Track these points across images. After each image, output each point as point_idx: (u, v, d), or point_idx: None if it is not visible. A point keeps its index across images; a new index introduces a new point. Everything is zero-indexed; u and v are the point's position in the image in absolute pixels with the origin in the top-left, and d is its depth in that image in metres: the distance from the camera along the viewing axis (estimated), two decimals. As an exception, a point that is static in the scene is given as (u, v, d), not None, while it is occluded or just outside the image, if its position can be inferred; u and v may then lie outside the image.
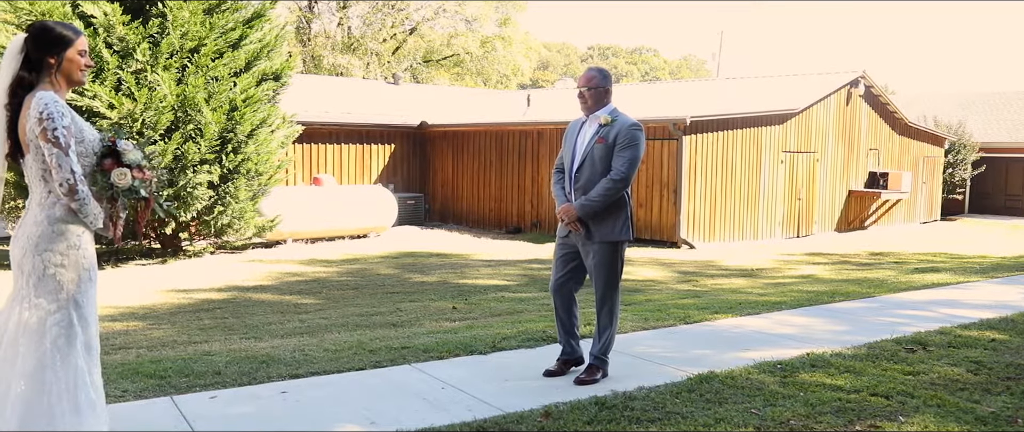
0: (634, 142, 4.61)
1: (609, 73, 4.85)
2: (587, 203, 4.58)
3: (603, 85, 4.73)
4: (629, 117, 4.71)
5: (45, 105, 3.15)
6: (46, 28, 3.29)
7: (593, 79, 4.73)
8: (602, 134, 4.65)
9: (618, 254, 4.69)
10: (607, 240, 4.62)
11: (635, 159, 4.61)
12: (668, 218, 15.84)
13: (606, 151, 4.61)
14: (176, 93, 11.72)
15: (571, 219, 4.64)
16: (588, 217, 4.61)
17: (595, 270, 4.67)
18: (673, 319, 6.84)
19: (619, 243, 4.67)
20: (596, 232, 4.63)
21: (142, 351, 5.88)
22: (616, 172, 4.56)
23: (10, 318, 3.25)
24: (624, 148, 4.59)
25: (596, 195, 4.56)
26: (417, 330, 6.44)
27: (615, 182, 4.55)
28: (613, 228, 4.63)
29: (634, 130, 4.64)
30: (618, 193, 4.58)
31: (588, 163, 4.67)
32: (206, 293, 9.37)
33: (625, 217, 4.68)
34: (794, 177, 18.27)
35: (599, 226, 4.62)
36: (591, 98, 4.72)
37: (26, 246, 3.21)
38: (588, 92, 4.72)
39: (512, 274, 11.29)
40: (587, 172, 4.66)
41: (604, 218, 4.61)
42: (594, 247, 4.63)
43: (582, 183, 4.68)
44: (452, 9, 36.51)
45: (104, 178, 3.33)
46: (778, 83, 21.38)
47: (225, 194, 12.37)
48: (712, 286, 10.21)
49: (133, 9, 11.96)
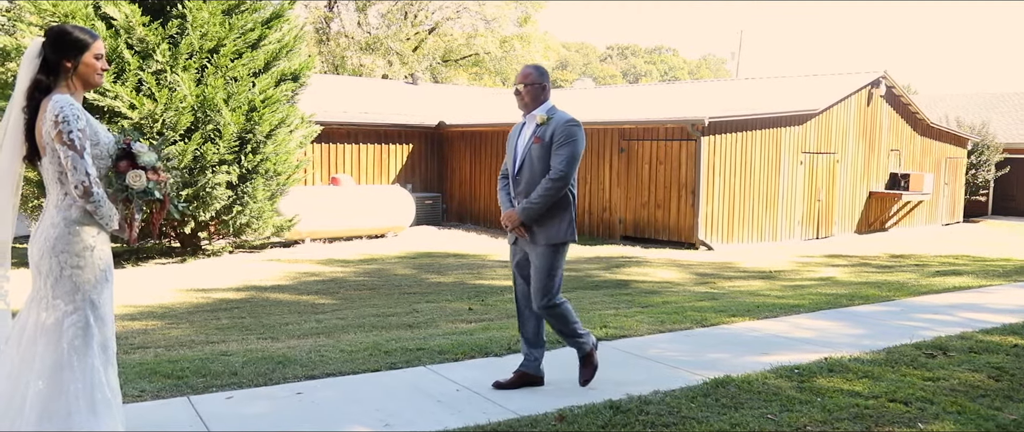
0: (571, 138, 4.45)
1: (546, 70, 4.71)
2: (528, 206, 4.45)
3: (540, 82, 4.58)
4: (566, 113, 4.57)
5: (61, 108, 3.18)
6: (63, 32, 3.32)
7: (529, 75, 4.58)
8: (539, 133, 4.52)
9: (559, 255, 4.55)
10: (551, 242, 4.49)
11: (573, 156, 4.45)
12: (686, 219, 15.76)
13: (544, 151, 4.48)
14: (195, 94, 11.80)
15: (514, 224, 4.53)
16: (531, 221, 4.48)
17: (535, 269, 4.54)
18: (689, 322, 6.80)
19: (562, 244, 4.55)
20: (540, 234, 4.50)
21: (160, 350, 5.92)
22: (554, 171, 4.42)
23: (28, 319, 3.28)
24: (561, 145, 4.44)
25: (536, 197, 4.43)
26: (433, 331, 6.45)
27: (553, 182, 4.41)
28: (557, 229, 4.50)
29: (570, 126, 4.48)
30: (558, 193, 4.44)
31: (527, 165, 4.54)
32: (224, 293, 9.43)
33: (569, 218, 4.54)
34: (814, 178, 18.12)
35: (542, 228, 4.50)
36: (528, 95, 4.57)
37: (43, 247, 3.24)
38: (524, 89, 4.57)
39: (529, 275, 11.27)
40: (527, 174, 4.54)
41: (547, 220, 4.49)
42: (538, 249, 4.52)
43: (523, 186, 4.56)
44: (473, 8, 36.52)
45: (119, 180, 3.35)
46: (798, 83, 21.20)
47: (244, 194, 12.45)
48: (729, 288, 10.14)
49: (153, 10, 12.06)
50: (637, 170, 16.50)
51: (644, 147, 16.38)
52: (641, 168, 16.43)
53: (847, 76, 20.45)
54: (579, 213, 17.55)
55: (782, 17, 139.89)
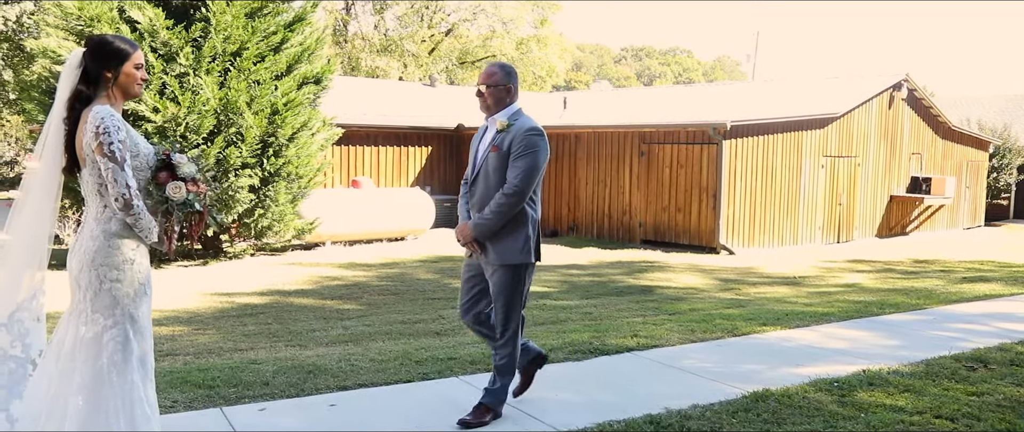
0: (531, 149, 4.00)
1: (513, 69, 4.25)
2: (481, 222, 4.05)
3: (505, 83, 4.13)
4: (530, 120, 4.10)
5: (101, 119, 3.14)
6: (104, 42, 3.28)
7: (493, 75, 4.14)
8: (497, 141, 4.08)
9: (520, 278, 4.13)
10: (506, 262, 4.08)
11: (531, 169, 3.99)
12: (707, 223, 15.65)
13: (500, 161, 4.05)
14: (218, 97, 11.81)
15: (467, 240, 4.13)
16: (484, 237, 4.07)
17: (494, 295, 4.15)
18: (720, 331, 6.72)
19: (521, 266, 4.11)
20: (494, 253, 4.09)
21: (189, 358, 5.90)
22: (509, 185, 3.98)
23: (67, 333, 3.25)
24: (519, 156, 4.00)
25: (488, 213, 4.02)
26: (461, 339, 6.40)
27: (507, 197, 3.98)
28: (512, 249, 4.06)
29: (531, 136, 4.03)
30: (513, 209, 4.00)
31: (483, 175, 4.14)
32: (248, 297, 9.42)
33: (526, 236, 4.08)
34: (835, 182, 17.96)
35: (496, 246, 4.08)
36: (491, 97, 4.13)
37: (83, 261, 3.20)
38: (487, 90, 4.13)
39: (551, 280, 11.21)
40: (482, 185, 4.13)
41: (502, 238, 4.06)
42: (493, 270, 4.12)
43: (477, 198, 4.15)
44: (489, 10, 36.50)
45: (159, 192, 3.32)
46: (817, 86, 21.04)
47: (265, 197, 12.45)
48: (755, 295, 10.04)
49: (177, 13, 12.09)
50: (658, 173, 16.40)
51: (665, 150, 16.28)
52: (662, 171, 16.33)
53: (868, 79, 20.27)
54: (600, 216, 17.48)
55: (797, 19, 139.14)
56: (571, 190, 18.06)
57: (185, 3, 12.21)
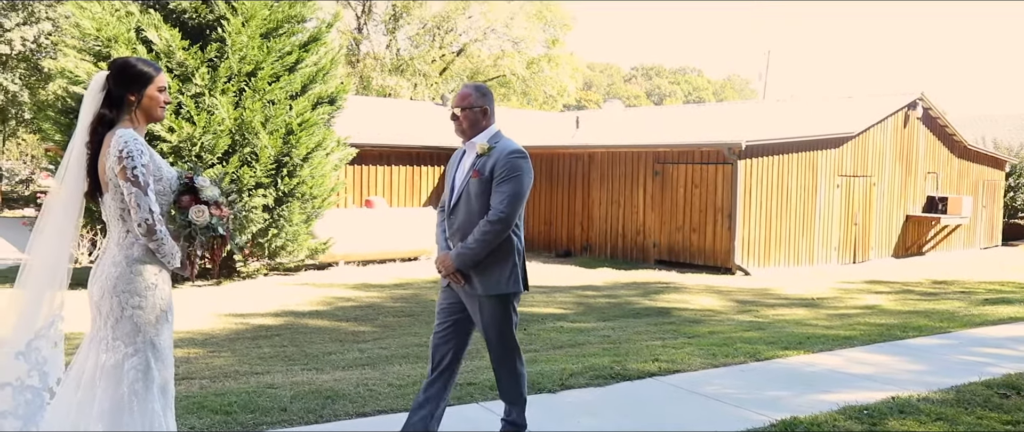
0: (515, 173, 3.82)
1: (488, 90, 4.07)
2: (464, 251, 3.82)
3: (480, 104, 3.95)
4: (512, 142, 3.93)
5: (125, 143, 3.10)
6: (127, 65, 3.24)
7: (467, 98, 3.95)
8: (478, 166, 3.88)
9: (509, 308, 3.95)
10: (494, 294, 3.87)
11: (517, 194, 3.81)
12: (722, 243, 15.53)
13: (483, 186, 3.85)
14: (233, 117, 11.82)
15: (448, 271, 3.90)
16: (467, 267, 3.85)
17: (484, 329, 3.97)
18: (742, 355, 6.61)
19: (508, 296, 3.93)
20: (480, 284, 3.87)
21: (205, 382, 5.83)
22: (494, 212, 3.78)
23: (87, 360, 3.19)
24: (503, 181, 3.81)
25: (473, 242, 3.80)
26: (479, 364, 6.30)
27: (493, 224, 3.77)
28: (499, 280, 3.86)
29: (515, 158, 3.84)
30: (499, 237, 3.80)
31: (463, 201, 3.92)
32: (262, 318, 9.35)
33: (512, 265, 3.90)
34: (850, 201, 17.82)
35: (482, 277, 3.86)
36: (466, 120, 3.94)
37: (104, 287, 3.14)
38: (462, 113, 3.94)
39: (567, 302, 11.11)
40: (463, 213, 3.91)
41: (488, 267, 3.85)
42: (480, 302, 3.91)
43: (458, 226, 3.93)
44: (500, 30, 36.63)
45: (182, 216, 3.27)
46: (831, 105, 20.94)
47: (279, 217, 12.43)
48: (774, 317, 9.91)
49: (193, 34, 12.13)
50: (672, 193, 16.31)
51: (679, 170, 16.20)
52: (676, 191, 16.24)
53: (882, 98, 20.17)
54: (613, 236, 17.39)
55: (808, 38, 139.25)
56: (584, 210, 17.98)
57: (201, 23, 12.26)
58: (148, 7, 12.25)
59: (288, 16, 12.75)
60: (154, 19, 11.70)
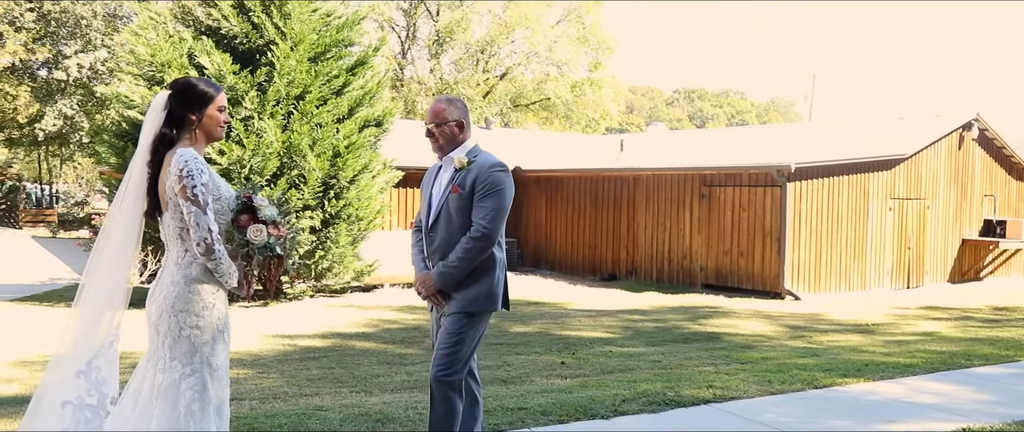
0: (497, 187, 3.68)
1: (463, 103, 3.90)
2: (445, 270, 3.66)
3: (456, 118, 3.80)
4: (492, 156, 3.79)
5: (185, 162, 3.10)
6: (189, 84, 3.25)
7: (441, 113, 3.78)
8: (457, 181, 3.73)
9: (475, 327, 3.71)
10: (465, 310, 3.68)
11: (499, 209, 3.66)
12: (771, 268, 15.23)
13: (463, 202, 3.69)
14: (282, 140, 11.96)
15: (429, 291, 3.74)
16: (450, 287, 3.69)
17: (444, 333, 3.70)
18: (799, 382, 6.41)
19: (478, 314, 3.71)
20: (455, 299, 3.69)
21: (254, 403, 5.83)
22: (476, 228, 3.64)
23: (145, 379, 3.18)
24: (485, 196, 3.67)
25: (454, 260, 3.64)
26: (529, 388, 6.21)
27: (475, 241, 3.62)
28: (476, 295, 3.69)
29: (496, 172, 3.70)
30: (482, 254, 3.65)
31: (443, 219, 3.75)
32: (310, 340, 9.37)
33: (492, 283, 3.71)
34: (903, 225, 17.38)
35: (461, 293, 3.69)
36: (442, 137, 3.80)
37: (163, 306, 3.14)
38: (437, 129, 3.79)
39: (613, 326, 10.96)
40: (443, 231, 3.75)
41: (467, 284, 3.68)
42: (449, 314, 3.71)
43: (438, 244, 3.77)
44: (543, 54, 36.75)
45: (240, 235, 3.25)
46: (881, 127, 20.53)
47: (326, 239, 12.50)
48: (828, 343, 9.64)
49: (243, 58, 12.34)
50: (719, 216, 16.08)
51: (726, 193, 15.97)
52: (723, 214, 16.01)
53: (935, 119, 19.71)
54: (659, 260, 17.18)
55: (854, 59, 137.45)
56: (629, 233, 17.81)
57: (251, 48, 12.47)
58: (200, 33, 12.52)
59: (335, 40, 12.91)
60: (206, 45, 11.93)
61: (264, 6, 12.43)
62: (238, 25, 12.30)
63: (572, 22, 37.95)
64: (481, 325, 3.74)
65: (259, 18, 12.31)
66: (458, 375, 3.66)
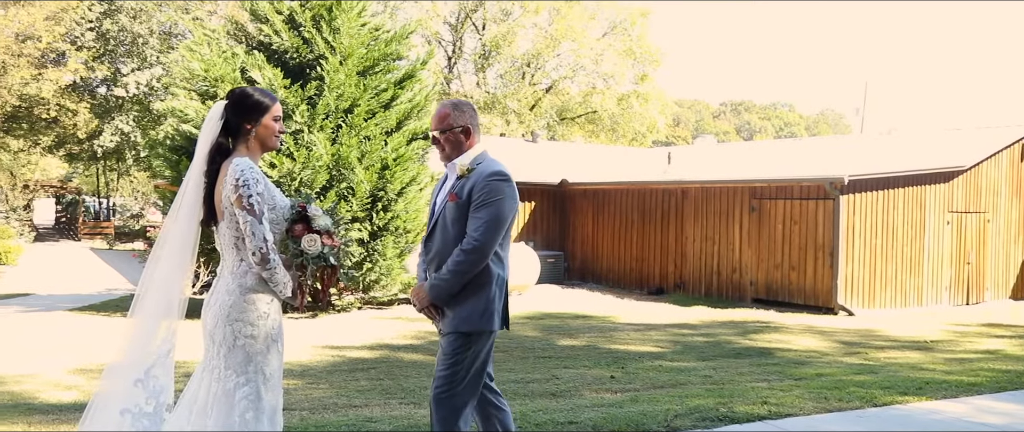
0: (494, 197, 3.45)
1: (469, 105, 3.67)
2: (437, 282, 3.45)
3: (461, 124, 3.59)
4: (495, 163, 3.56)
5: (241, 171, 3.12)
6: (245, 94, 3.28)
7: (446, 118, 3.59)
8: (456, 188, 3.53)
9: (472, 348, 3.47)
10: (461, 329, 3.46)
11: (495, 220, 3.42)
12: (823, 282, 14.90)
13: (460, 211, 3.49)
14: (331, 153, 12.10)
15: (423, 304, 3.54)
16: (442, 301, 3.48)
17: (441, 355, 3.51)
18: (856, 399, 6.22)
19: (474, 334, 3.47)
20: (449, 317, 3.50)
21: (305, 413, 5.85)
22: (468, 240, 3.41)
23: (200, 388, 3.20)
24: (481, 206, 3.44)
25: (445, 273, 3.44)
26: (579, 401, 6.13)
27: (467, 254, 3.40)
28: (471, 313, 3.45)
29: (494, 181, 3.47)
30: (474, 267, 3.42)
31: (440, 228, 3.58)
32: (358, 351, 9.42)
33: (488, 299, 3.47)
34: (962, 239, 16.87)
35: (455, 309, 3.48)
36: (446, 142, 3.60)
37: (218, 315, 3.16)
38: (442, 136, 3.59)
39: (662, 340, 10.81)
40: (438, 241, 3.58)
41: (461, 300, 3.47)
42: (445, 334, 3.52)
43: (433, 254, 3.59)
44: (589, 67, 36.70)
45: (295, 244, 3.27)
46: (937, 138, 20.01)
47: (374, 251, 12.58)
48: (885, 360, 9.37)
49: (294, 73, 12.53)
50: (769, 230, 15.81)
51: (777, 206, 15.70)
52: (774, 228, 15.73)
53: (994, 129, 19.16)
54: (708, 274, 16.94)
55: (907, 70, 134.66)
56: (677, 247, 17.61)
57: (301, 63, 12.66)
58: (252, 48, 12.76)
59: (384, 54, 13.04)
60: (258, 59, 12.14)
61: (314, 21, 12.62)
62: (289, 40, 12.50)
63: (618, 35, 37.87)
64: (478, 345, 3.49)
65: (309, 33, 12.50)
66: (459, 398, 3.45)
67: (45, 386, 6.96)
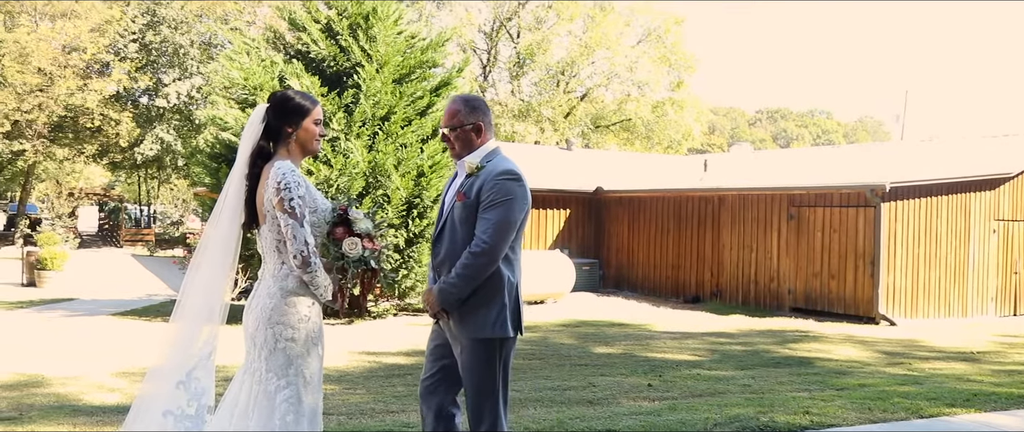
0: (505, 196, 3.32)
1: (481, 102, 3.54)
2: (446, 286, 3.33)
3: (472, 121, 3.45)
4: (506, 162, 3.44)
5: (283, 175, 3.14)
6: (286, 97, 3.31)
7: (456, 115, 3.46)
8: (464, 187, 3.41)
9: (495, 355, 3.38)
10: (477, 336, 3.35)
11: (504, 222, 3.29)
12: (864, 291, 14.63)
13: (468, 212, 3.37)
14: (367, 160, 12.18)
15: (434, 309, 3.42)
16: (451, 305, 3.34)
17: (463, 374, 3.42)
18: (902, 411, 6.09)
19: (495, 341, 3.37)
20: (462, 325, 3.37)
21: (342, 418, 5.87)
22: (477, 242, 3.28)
23: (241, 391, 3.22)
24: (490, 206, 3.31)
25: (454, 276, 3.31)
26: (616, 410, 6.08)
27: (475, 257, 3.27)
28: (485, 320, 3.34)
29: (504, 180, 3.34)
30: (483, 271, 3.29)
31: (448, 229, 3.45)
32: (394, 357, 9.44)
33: (502, 305, 3.36)
34: (1009, 248, 16.45)
35: (467, 316, 3.36)
36: (456, 140, 3.49)
37: (259, 318, 3.18)
38: (452, 133, 3.48)
39: (699, 348, 10.69)
40: (446, 242, 3.45)
41: (472, 306, 3.34)
42: (462, 346, 3.41)
43: (442, 256, 3.45)
44: (623, 74, 36.59)
45: (336, 247, 3.28)
46: (981, 145, 19.56)
47: (409, 258, 12.63)
48: (929, 371, 9.16)
49: (331, 81, 12.65)
50: (808, 238, 15.57)
51: (816, 214, 15.47)
52: (813, 236, 15.50)
53: (1042, 137, 18.69)
54: (745, 282, 16.73)
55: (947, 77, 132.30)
56: (714, 255, 17.42)
57: (338, 71, 12.78)
58: (290, 57, 12.92)
59: (420, 62, 13.11)
60: (296, 68, 12.28)
61: (351, 30, 12.74)
62: (326, 48, 12.63)
63: (652, 42, 37.71)
64: (501, 356, 3.40)
65: (346, 41, 12.61)
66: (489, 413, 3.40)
67: (89, 388, 7.07)
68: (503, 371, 3.43)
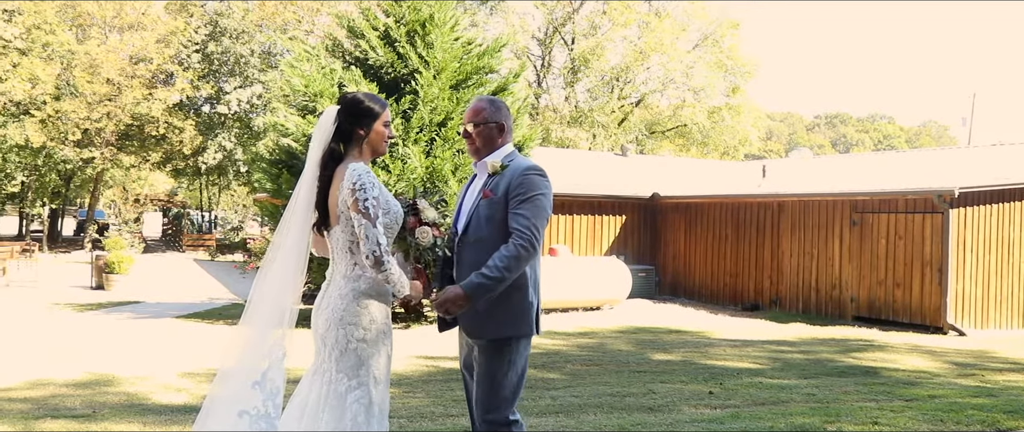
0: (536, 190, 3.32)
1: (504, 105, 3.58)
2: (482, 281, 3.20)
3: (496, 120, 3.50)
4: (527, 160, 3.49)
5: (358, 176, 3.16)
6: (357, 100, 3.34)
7: (481, 112, 3.51)
8: (490, 186, 3.42)
9: (512, 354, 3.34)
10: (497, 336, 3.32)
11: (542, 210, 3.31)
12: (931, 300, 14.20)
13: (495, 209, 3.36)
14: (425, 165, 12.27)
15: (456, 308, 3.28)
16: (481, 301, 3.25)
17: (479, 370, 3.37)
18: (977, 424, 5.88)
19: (511, 340, 3.33)
20: (483, 323, 3.33)
21: (403, 421, 5.91)
22: (519, 234, 3.24)
23: (311, 391, 3.25)
24: (524, 200, 3.31)
25: (494, 270, 3.20)
26: (678, 416, 5.99)
27: (520, 248, 3.22)
28: (509, 317, 3.33)
29: (531, 175, 3.36)
30: (524, 263, 3.26)
31: (473, 228, 3.43)
32: (451, 361, 9.47)
33: (527, 302, 3.36)
34: (1086, 256, 15.79)
35: (489, 315, 3.31)
36: (479, 138, 3.51)
37: (330, 318, 3.21)
38: (475, 130, 3.50)
39: (760, 356, 10.49)
40: (472, 240, 3.43)
41: (498, 303, 3.30)
42: (479, 344, 3.36)
43: (467, 257, 3.40)
44: (679, 80, 36.25)
45: (410, 236, 3.34)
46: (1056, 149, 18.85)
47: (466, 263, 12.66)
48: (1005, 383, 8.83)
49: (389, 87, 12.79)
50: (872, 244, 15.18)
51: (880, 220, 15.07)
52: (877, 242, 15.10)
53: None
54: (806, 290, 16.39)
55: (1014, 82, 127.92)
56: (773, 262, 17.11)
57: (396, 77, 12.90)
58: (349, 64, 13.09)
59: (476, 68, 13.17)
60: (355, 75, 12.45)
61: (408, 36, 12.86)
62: (384, 55, 12.77)
63: (709, 47, 37.29)
64: (521, 355, 3.37)
65: (404, 48, 12.74)
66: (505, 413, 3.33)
67: (157, 388, 7.25)
68: (523, 368, 3.41)
